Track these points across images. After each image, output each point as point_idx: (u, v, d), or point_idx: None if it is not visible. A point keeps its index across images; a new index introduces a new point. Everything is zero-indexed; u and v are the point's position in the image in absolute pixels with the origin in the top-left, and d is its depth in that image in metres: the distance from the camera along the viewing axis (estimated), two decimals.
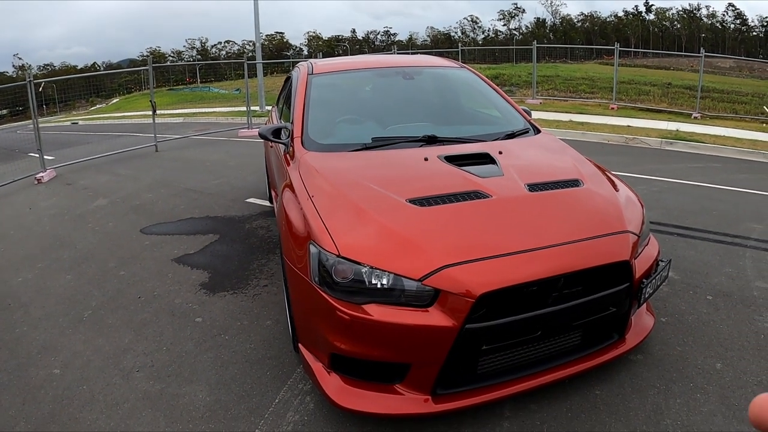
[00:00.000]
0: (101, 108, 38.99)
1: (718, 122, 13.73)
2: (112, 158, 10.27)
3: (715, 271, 4.19)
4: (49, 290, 4.29)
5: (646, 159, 9.22)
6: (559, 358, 2.61)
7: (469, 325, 2.24)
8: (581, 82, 20.69)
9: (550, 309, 2.38)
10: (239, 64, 15.82)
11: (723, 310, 3.57)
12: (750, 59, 26.74)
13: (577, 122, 12.89)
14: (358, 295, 2.32)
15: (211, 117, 19.00)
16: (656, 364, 2.97)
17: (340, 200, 2.73)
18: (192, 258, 4.81)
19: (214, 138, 12.85)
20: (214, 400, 2.81)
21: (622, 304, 2.62)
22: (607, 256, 2.52)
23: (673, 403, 2.66)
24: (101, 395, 2.89)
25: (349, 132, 3.68)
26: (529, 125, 3.86)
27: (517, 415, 2.60)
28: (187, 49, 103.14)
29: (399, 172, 3.07)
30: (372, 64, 4.56)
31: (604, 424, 2.53)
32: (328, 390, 2.47)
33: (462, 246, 2.40)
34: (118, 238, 5.48)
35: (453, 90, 4.44)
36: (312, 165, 3.12)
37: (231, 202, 6.63)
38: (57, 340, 3.50)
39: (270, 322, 3.60)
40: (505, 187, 2.80)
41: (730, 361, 3.00)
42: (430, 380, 2.36)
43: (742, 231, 5.14)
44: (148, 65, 12.00)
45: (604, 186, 3.03)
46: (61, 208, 6.87)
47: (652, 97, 17.81)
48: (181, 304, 3.92)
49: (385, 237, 2.47)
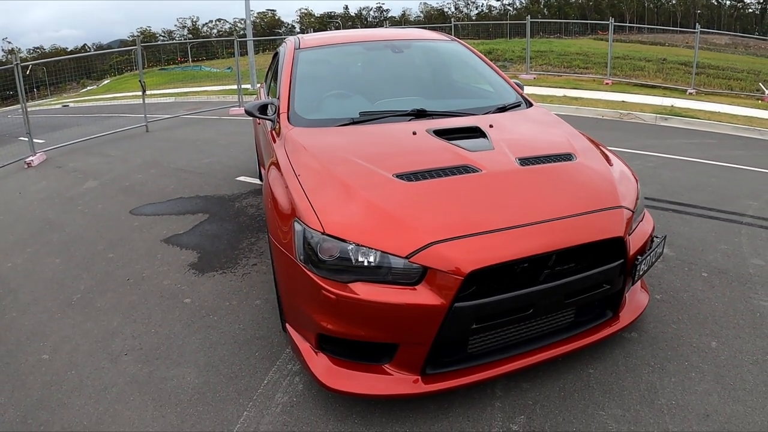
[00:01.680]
0: (92, 90, 38.54)
1: (713, 98, 13.64)
2: (102, 140, 10.14)
3: (710, 247, 4.16)
4: (38, 275, 4.24)
5: (640, 134, 9.15)
6: (551, 337, 2.57)
7: (458, 303, 2.19)
8: (575, 58, 20.50)
9: (542, 286, 2.33)
10: (230, 42, 15.61)
11: (718, 288, 3.53)
12: (745, 36, 26.54)
13: (571, 97, 12.78)
14: (344, 274, 2.26)
15: (202, 96, 18.77)
16: (651, 342, 2.94)
17: (325, 176, 2.66)
18: (181, 238, 4.75)
19: (205, 117, 12.70)
20: (202, 382, 2.78)
21: (616, 282, 2.57)
22: (600, 232, 2.46)
23: (667, 382, 2.63)
24: (89, 380, 2.86)
25: (336, 107, 3.60)
26: (521, 99, 3.78)
27: (508, 394, 2.57)
28: (178, 28, 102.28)
29: (386, 147, 3.00)
30: (361, 38, 4.45)
31: (597, 404, 2.50)
32: (315, 371, 2.43)
33: (450, 222, 2.34)
34: (108, 220, 5.42)
35: (443, 63, 4.34)
36: (298, 141, 3.04)
37: (221, 181, 6.56)
38: (46, 325, 3.45)
39: (259, 301, 3.55)
40: (496, 162, 2.73)
41: (725, 339, 2.97)
42: (420, 360, 2.32)
43: (738, 208, 5.10)
44: (137, 45, 11.83)
45: (597, 160, 2.97)
46: (50, 191, 6.78)
47: (646, 73, 17.68)
48: (170, 285, 3.87)
49: (371, 214, 2.40)
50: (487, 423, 2.40)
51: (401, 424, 2.41)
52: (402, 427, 2.40)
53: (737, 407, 2.46)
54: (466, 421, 2.42)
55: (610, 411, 2.45)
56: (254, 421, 2.48)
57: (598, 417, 2.42)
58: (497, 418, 2.43)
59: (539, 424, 2.39)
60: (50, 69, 21.09)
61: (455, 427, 2.39)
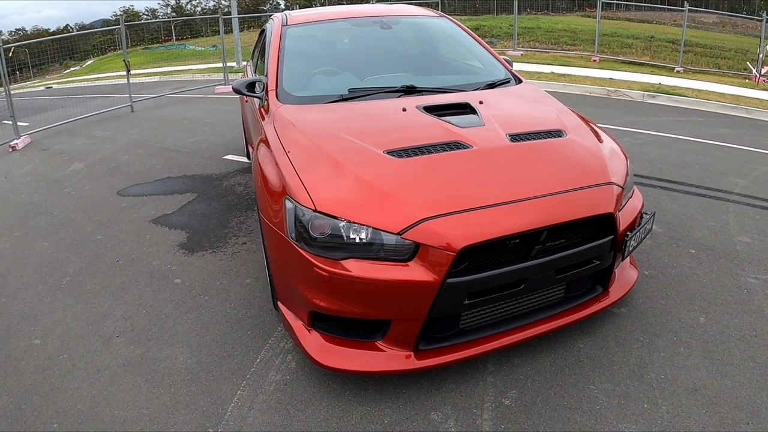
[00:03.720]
0: (75, 71, 37.85)
1: (701, 76, 13.69)
2: (87, 121, 9.99)
3: (697, 224, 4.19)
4: (27, 259, 4.19)
5: (628, 111, 9.17)
6: (542, 312, 2.59)
7: (450, 279, 2.19)
8: (563, 34, 20.35)
9: (533, 262, 2.34)
10: (215, 20, 15.42)
11: (706, 264, 3.57)
12: (733, 14, 26.47)
13: (559, 74, 12.76)
14: (336, 251, 2.26)
15: (187, 75, 18.52)
16: (640, 318, 2.97)
17: (315, 153, 2.64)
18: (170, 218, 4.71)
19: (191, 96, 12.54)
20: (195, 362, 2.77)
21: (606, 258, 2.59)
22: (590, 208, 2.47)
23: (656, 357, 2.66)
24: (82, 363, 2.85)
25: (325, 84, 3.56)
26: (510, 75, 3.76)
27: (500, 369, 2.60)
28: (161, 6, 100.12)
29: (376, 124, 2.97)
30: (349, 14, 4.40)
31: (587, 378, 2.53)
32: (308, 348, 2.43)
33: (442, 198, 2.33)
34: (95, 201, 5.35)
35: (432, 40, 4.30)
36: (287, 118, 3.01)
37: (208, 160, 6.50)
38: (36, 310, 3.42)
39: (250, 280, 3.54)
40: (486, 138, 2.73)
41: (713, 315, 3.01)
42: (412, 336, 2.33)
43: (725, 185, 5.13)
44: (120, 24, 11.62)
45: (587, 137, 2.97)
46: (36, 174, 6.68)
47: (634, 50, 17.62)
48: (160, 265, 3.84)
49: (362, 190, 2.39)
50: (480, 398, 2.43)
51: (394, 400, 2.43)
52: (395, 402, 2.42)
53: (725, 382, 2.49)
54: (458, 396, 2.44)
55: (600, 385, 2.48)
56: (248, 399, 2.49)
57: (588, 391, 2.45)
58: (489, 393, 2.45)
59: (531, 398, 2.42)
60: (32, 51, 20.68)
61: (448, 401, 2.41)
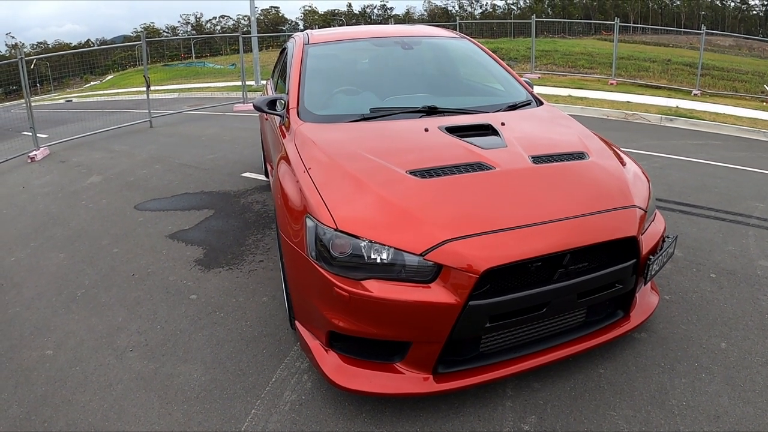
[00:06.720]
0: (95, 85, 38.49)
1: (718, 100, 13.60)
2: (106, 135, 10.13)
3: (717, 248, 4.13)
4: (42, 269, 4.21)
5: (646, 135, 9.12)
6: (563, 336, 2.55)
7: (472, 301, 2.16)
8: (580, 57, 20.43)
9: (556, 285, 2.30)
10: (234, 39, 15.64)
11: (727, 289, 3.51)
12: (750, 37, 26.48)
13: (577, 97, 12.75)
14: (356, 271, 2.24)
15: (206, 92, 18.78)
16: (661, 343, 2.92)
17: (337, 172, 2.63)
18: (186, 234, 4.72)
19: (209, 113, 12.69)
20: (209, 379, 2.75)
21: (629, 281, 2.55)
22: (614, 231, 2.44)
23: (678, 383, 2.61)
24: (94, 376, 2.83)
25: (346, 103, 3.57)
26: (531, 97, 3.76)
27: (519, 394, 2.55)
28: (181, 24, 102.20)
29: (398, 144, 2.96)
30: (370, 34, 4.43)
31: (608, 404, 2.48)
32: (325, 369, 2.40)
33: (465, 219, 2.31)
34: (112, 215, 5.39)
35: (453, 61, 4.31)
36: (308, 136, 3.02)
37: (226, 177, 6.53)
38: (50, 320, 3.43)
39: (266, 298, 3.53)
40: (509, 159, 2.71)
41: (734, 340, 2.95)
42: (432, 359, 2.30)
43: (744, 209, 5.07)
44: (141, 40, 11.81)
45: (610, 160, 2.94)
46: (54, 185, 6.76)
47: (651, 74, 17.62)
48: (176, 281, 3.84)
49: (384, 210, 2.37)
50: (498, 423, 2.38)
51: (412, 423, 2.39)
52: (413, 426, 2.38)
53: (747, 409, 2.44)
54: (477, 421, 2.39)
55: (621, 411, 2.43)
56: (262, 419, 2.46)
57: (609, 417, 2.40)
58: (508, 418, 2.41)
59: (550, 424, 2.37)
60: (53, 64, 21.15)
61: (466, 426, 2.37)
